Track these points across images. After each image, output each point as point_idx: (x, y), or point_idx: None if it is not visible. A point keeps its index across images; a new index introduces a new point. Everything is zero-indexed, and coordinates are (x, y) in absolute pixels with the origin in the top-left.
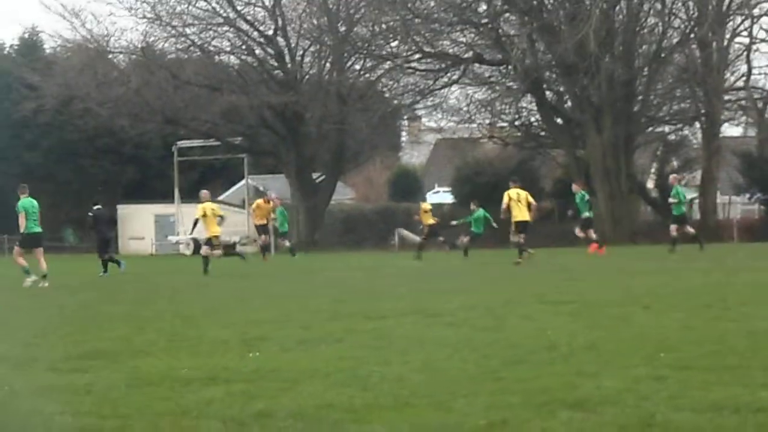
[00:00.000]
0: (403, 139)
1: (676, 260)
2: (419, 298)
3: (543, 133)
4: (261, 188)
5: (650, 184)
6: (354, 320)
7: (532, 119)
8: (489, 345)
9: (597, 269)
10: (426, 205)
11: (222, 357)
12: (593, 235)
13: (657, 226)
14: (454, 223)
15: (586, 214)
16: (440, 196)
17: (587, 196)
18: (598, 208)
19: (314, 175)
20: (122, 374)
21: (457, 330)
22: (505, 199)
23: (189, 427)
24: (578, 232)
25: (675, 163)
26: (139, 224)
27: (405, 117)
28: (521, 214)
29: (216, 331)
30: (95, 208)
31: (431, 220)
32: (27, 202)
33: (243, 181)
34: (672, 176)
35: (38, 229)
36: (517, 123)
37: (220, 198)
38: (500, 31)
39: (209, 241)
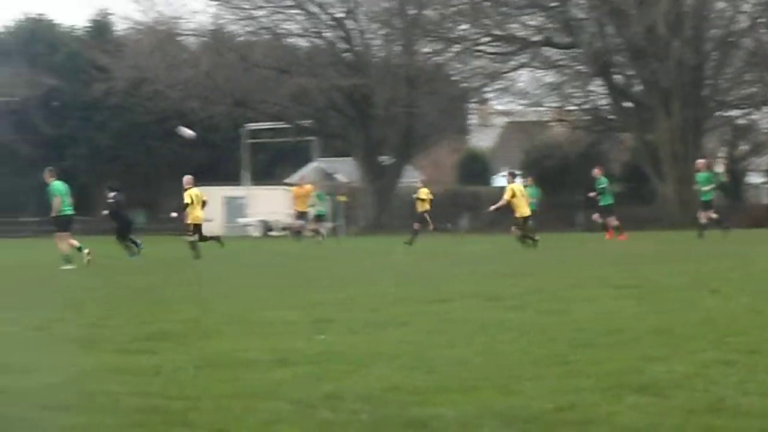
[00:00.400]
0: (472, 122)
1: (745, 243)
2: (484, 281)
3: (612, 117)
4: (329, 171)
5: (718, 169)
6: (419, 303)
7: (601, 103)
8: (555, 328)
9: (663, 253)
10: (424, 192)
11: (289, 339)
12: (600, 220)
13: (725, 211)
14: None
15: (606, 199)
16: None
17: (607, 183)
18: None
19: (382, 158)
20: (190, 356)
21: (522, 313)
22: (509, 194)
23: (257, 408)
24: (596, 217)
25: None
26: (208, 206)
27: (473, 100)
28: (526, 209)
29: (283, 313)
30: (113, 194)
31: (426, 207)
32: (59, 185)
33: (311, 164)
34: (700, 161)
35: (72, 211)
36: (585, 107)
37: (288, 180)
38: (569, 14)
39: (191, 227)
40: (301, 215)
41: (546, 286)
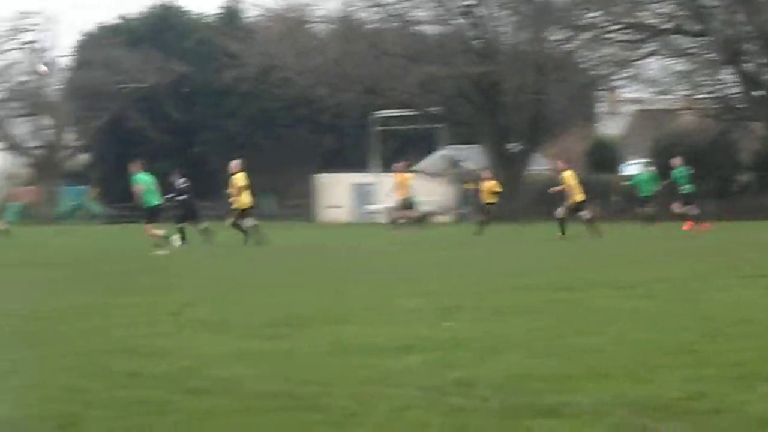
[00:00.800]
0: (600, 110)
1: None
2: (612, 269)
3: (742, 106)
4: (456, 158)
5: None
6: (547, 291)
7: (731, 91)
8: (685, 317)
9: None
10: (492, 185)
11: (418, 325)
12: (693, 211)
13: None
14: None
15: (687, 188)
16: (636, 167)
17: (687, 171)
18: None
19: (510, 146)
20: (319, 341)
21: (651, 302)
22: (569, 181)
23: (387, 394)
24: (677, 207)
25: None
26: (336, 193)
27: (602, 88)
28: (579, 195)
29: (412, 299)
30: (182, 180)
31: (492, 199)
32: (144, 176)
33: (439, 151)
34: None
35: (158, 201)
36: (715, 95)
37: (416, 168)
38: (700, 2)
39: (244, 212)
40: (404, 202)
41: (675, 274)
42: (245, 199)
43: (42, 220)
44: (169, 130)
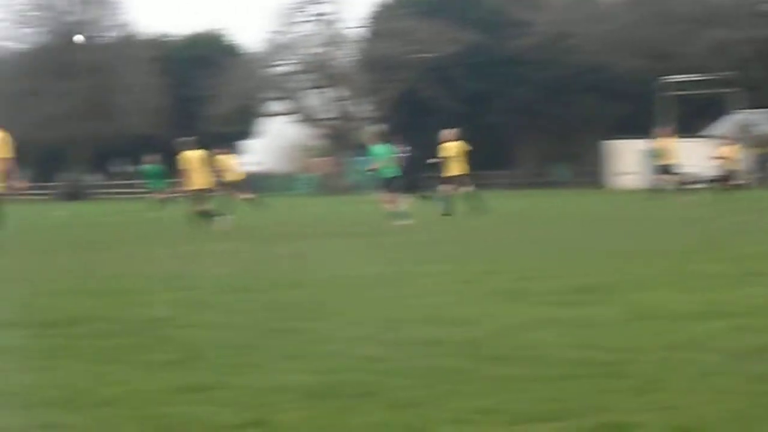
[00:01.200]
0: None
1: None
2: None
3: None
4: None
5: None
6: None
7: None
8: None
9: None
10: (728, 150)
11: (720, 291)
12: None
13: None
14: None
15: None
16: None
17: None
18: None
19: None
20: (619, 308)
21: None
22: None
23: (690, 360)
24: None
25: None
26: (625, 160)
27: None
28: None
29: (713, 265)
30: (408, 149)
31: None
32: (380, 149)
33: (731, 116)
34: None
35: (392, 173)
36: None
37: (706, 132)
38: None
39: (455, 180)
40: (665, 169)
41: None
42: (454, 168)
43: (336, 191)
44: (461, 99)
